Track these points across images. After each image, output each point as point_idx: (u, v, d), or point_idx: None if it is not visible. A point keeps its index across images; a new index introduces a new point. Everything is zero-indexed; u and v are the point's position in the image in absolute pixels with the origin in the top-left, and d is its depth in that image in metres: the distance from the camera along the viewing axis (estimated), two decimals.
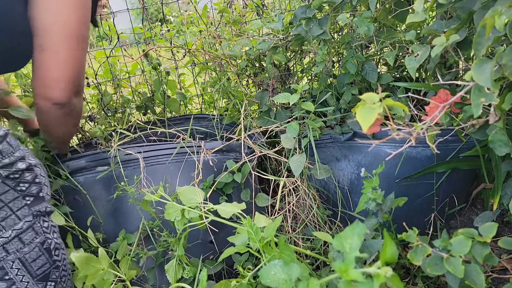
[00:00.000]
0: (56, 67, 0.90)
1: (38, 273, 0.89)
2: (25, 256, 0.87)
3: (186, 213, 0.95)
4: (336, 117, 1.25)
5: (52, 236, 0.93)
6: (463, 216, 1.37)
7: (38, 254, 0.89)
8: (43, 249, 0.90)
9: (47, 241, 0.91)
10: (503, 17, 0.59)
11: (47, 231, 0.92)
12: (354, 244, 0.56)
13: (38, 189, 0.90)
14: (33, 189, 0.89)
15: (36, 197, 0.89)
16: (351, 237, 0.57)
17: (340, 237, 0.58)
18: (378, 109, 0.55)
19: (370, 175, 1.01)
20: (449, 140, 1.06)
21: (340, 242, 0.58)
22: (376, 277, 0.51)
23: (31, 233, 0.88)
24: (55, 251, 0.93)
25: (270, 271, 0.63)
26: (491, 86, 0.61)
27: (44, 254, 0.90)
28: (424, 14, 0.86)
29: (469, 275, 0.66)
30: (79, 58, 0.94)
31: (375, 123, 0.63)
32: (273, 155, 1.26)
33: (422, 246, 0.73)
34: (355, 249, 0.55)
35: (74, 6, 0.90)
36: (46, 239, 0.91)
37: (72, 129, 1.11)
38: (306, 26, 1.17)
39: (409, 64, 0.89)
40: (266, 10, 1.56)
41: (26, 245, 0.87)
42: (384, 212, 1.01)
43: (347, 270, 0.53)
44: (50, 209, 0.93)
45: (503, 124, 0.81)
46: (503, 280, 1.07)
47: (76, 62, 0.93)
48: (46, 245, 0.91)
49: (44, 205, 0.91)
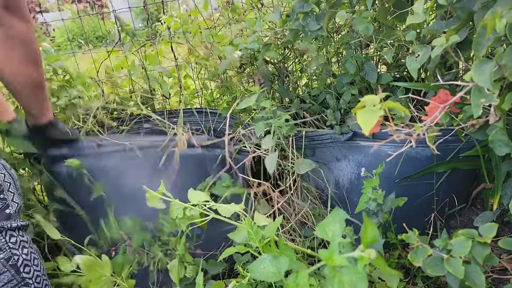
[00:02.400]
0: None
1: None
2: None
3: (187, 211, 0.95)
4: (336, 117, 1.25)
5: (20, 252, 0.89)
6: (463, 216, 1.37)
7: (2, 270, 0.85)
8: (8, 266, 0.86)
9: (13, 257, 0.87)
10: (503, 19, 0.59)
11: (14, 247, 0.88)
12: (336, 231, 0.57)
13: (3, 205, 0.87)
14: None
15: (0, 214, 0.86)
16: (333, 224, 0.58)
17: (323, 225, 0.59)
18: (379, 112, 0.55)
19: (370, 175, 1.01)
20: (449, 140, 1.06)
21: (323, 230, 0.58)
22: (360, 259, 0.51)
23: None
24: (24, 268, 0.89)
25: (259, 265, 0.64)
26: (490, 87, 0.61)
27: (9, 271, 0.87)
28: (424, 15, 0.86)
29: (469, 276, 0.66)
30: None
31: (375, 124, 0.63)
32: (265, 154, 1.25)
33: (423, 247, 0.73)
34: (337, 235, 0.56)
35: None
36: (13, 255, 0.87)
37: (34, 67, 0.94)
38: (303, 20, 1.17)
39: (410, 64, 0.89)
40: (264, 8, 1.56)
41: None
42: (384, 212, 1.01)
43: (331, 257, 0.53)
44: (20, 224, 0.90)
45: (503, 124, 0.81)
46: (503, 280, 1.07)
47: None
48: (13, 261, 0.87)
49: (10, 221, 0.88)
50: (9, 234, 0.88)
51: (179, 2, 1.67)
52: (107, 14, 4.26)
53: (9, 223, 0.88)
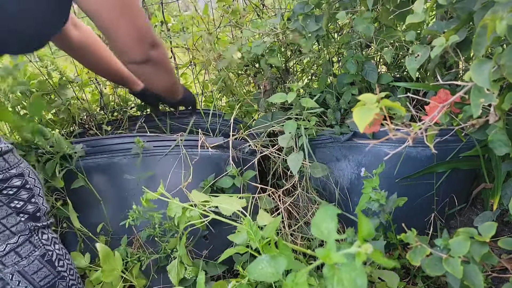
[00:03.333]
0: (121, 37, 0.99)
1: (42, 284, 0.91)
2: (24, 269, 0.88)
3: (187, 212, 0.95)
4: (336, 117, 1.25)
5: (53, 247, 0.94)
6: (463, 216, 1.37)
7: (39, 267, 0.90)
8: (44, 262, 0.91)
9: (48, 253, 0.92)
10: (504, 21, 0.59)
11: (47, 243, 0.93)
12: (331, 228, 0.56)
13: (35, 208, 0.91)
14: (29, 208, 0.90)
15: (32, 216, 0.90)
16: (326, 222, 0.57)
17: (316, 224, 0.58)
18: (375, 110, 0.55)
19: (370, 175, 1.01)
20: (449, 140, 1.06)
21: (318, 229, 0.58)
22: (357, 255, 0.51)
23: (29, 246, 0.89)
24: (58, 262, 0.94)
25: (257, 266, 0.64)
26: (489, 87, 0.61)
27: (46, 266, 0.91)
28: (423, 14, 0.86)
29: (468, 276, 0.66)
30: (136, 18, 0.99)
31: (374, 123, 0.63)
32: (275, 154, 1.26)
33: (421, 247, 0.73)
34: (332, 232, 0.55)
35: None
36: (47, 252, 0.92)
37: (170, 77, 1.19)
38: (303, 21, 1.18)
39: (409, 64, 0.89)
40: (266, 10, 1.56)
41: (24, 258, 0.88)
42: (385, 212, 1.01)
43: (329, 255, 0.53)
44: (49, 222, 0.94)
45: (503, 124, 0.81)
46: (503, 280, 1.07)
47: (135, 25, 0.98)
48: (47, 257, 0.92)
49: (41, 221, 0.92)
50: (40, 232, 0.93)
51: (179, 3, 1.67)
52: None
53: (40, 223, 0.93)
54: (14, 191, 0.86)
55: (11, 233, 0.86)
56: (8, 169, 0.85)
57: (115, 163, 1.16)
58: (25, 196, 0.88)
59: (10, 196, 0.86)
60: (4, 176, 0.84)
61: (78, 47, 1.20)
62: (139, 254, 1.13)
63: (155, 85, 1.19)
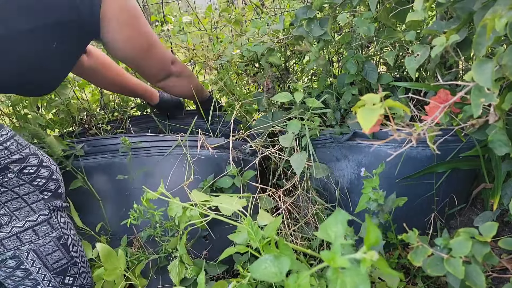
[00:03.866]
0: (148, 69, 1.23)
1: (55, 266, 0.91)
2: (40, 248, 0.88)
3: (187, 211, 0.95)
4: (336, 117, 1.25)
5: (69, 232, 0.94)
6: (463, 216, 1.37)
7: (54, 249, 0.90)
8: (59, 244, 0.91)
9: (64, 236, 0.92)
10: (503, 19, 0.59)
11: (64, 227, 0.93)
12: (339, 232, 0.56)
13: (56, 185, 0.91)
14: (51, 185, 0.90)
15: (54, 193, 0.91)
16: (335, 225, 0.57)
17: (325, 226, 0.58)
18: (379, 110, 0.55)
19: (370, 175, 1.01)
20: (449, 140, 1.06)
21: (325, 232, 0.58)
22: (362, 261, 0.51)
23: (47, 226, 0.89)
24: (72, 247, 0.94)
25: (261, 265, 0.63)
26: (491, 87, 0.61)
27: (60, 249, 0.91)
28: (423, 12, 0.86)
29: (470, 276, 0.66)
30: (159, 52, 1.20)
31: (375, 123, 0.63)
32: (276, 154, 1.26)
33: (423, 247, 0.73)
34: (340, 237, 0.55)
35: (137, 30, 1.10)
36: (63, 235, 0.92)
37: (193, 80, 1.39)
38: (307, 26, 1.18)
39: (409, 64, 0.89)
40: (265, 10, 1.56)
41: (40, 238, 0.88)
42: (385, 212, 1.01)
43: (334, 258, 0.53)
44: (66, 204, 0.95)
45: (503, 124, 0.81)
46: (503, 280, 1.07)
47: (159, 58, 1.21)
48: (63, 240, 0.92)
49: (61, 201, 0.93)
50: (59, 214, 0.93)
51: (179, 3, 1.67)
52: None
53: (60, 202, 0.93)
54: (34, 170, 0.86)
55: (31, 210, 0.86)
56: (22, 149, 0.85)
57: (115, 163, 1.16)
58: (45, 173, 0.89)
59: (31, 175, 0.86)
60: (20, 156, 0.84)
61: (89, 71, 1.28)
62: (138, 254, 1.13)
63: (182, 92, 1.37)
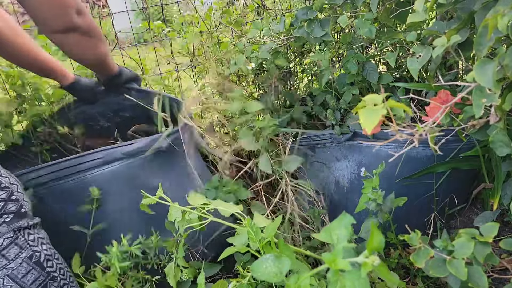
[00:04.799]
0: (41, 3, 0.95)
1: (33, 287, 0.87)
2: (13, 272, 0.84)
3: (187, 215, 0.95)
4: (336, 117, 1.25)
5: (40, 248, 0.90)
6: (463, 216, 1.37)
7: (28, 269, 0.86)
8: (32, 263, 0.87)
9: (35, 254, 0.88)
10: (505, 18, 0.59)
11: (33, 244, 0.89)
12: (342, 235, 0.56)
13: (17, 205, 0.88)
14: (10, 206, 0.86)
15: (16, 213, 0.87)
16: (339, 228, 0.57)
17: (328, 229, 0.58)
18: (382, 111, 0.55)
19: (370, 175, 1.01)
20: (449, 140, 1.05)
21: (328, 234, 0.58)
22: (363, 265, 0.51)
23: (14, 248, 0.85)
24: (46, 263, 0.90)
25: (261, 265, 0.63)
26: (493, 87, 0.61)
27: (35, 268, 0.88)
28: (424, 13, 0.86)
29: (472, 277, 0.66)
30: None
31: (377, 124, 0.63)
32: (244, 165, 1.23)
33: (425, 248, 0.72)
34: (342, 240, 0.55)
35: None
36: (34, 253, 0.88)
37: (102, 47, 1.15)
38: (308, 27, 1.17)
39: (411, 65, 0.89)
40: (266, 10, 1.56)
41: (11, 261, 0.84)
42: (384, 212, 1.01)
43: (335, 260, 0.53)
44: (34, 221, 0.91)
45: (503, 125, 0.81)
46: (504, 280, 1.07)
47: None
48: (35, 258, 0.88)
49: (26, 220, 0.89)
50: (26, 232, 0.89)
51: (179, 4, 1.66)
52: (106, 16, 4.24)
53: (26, 222, 0.89)
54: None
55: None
56: None
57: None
58: (3, 195, 0.85)
59: None
60: None
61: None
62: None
63: (85, 56, 1.13)
